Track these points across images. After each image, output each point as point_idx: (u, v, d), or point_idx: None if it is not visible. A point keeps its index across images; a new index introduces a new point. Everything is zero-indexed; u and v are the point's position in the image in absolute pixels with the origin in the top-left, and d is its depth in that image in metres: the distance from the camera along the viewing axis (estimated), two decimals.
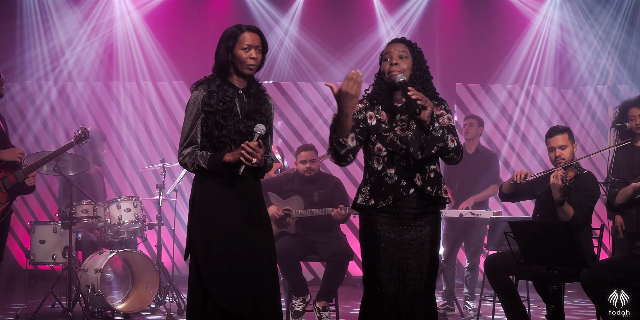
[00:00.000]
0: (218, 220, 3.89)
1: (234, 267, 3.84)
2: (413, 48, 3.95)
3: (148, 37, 9.44)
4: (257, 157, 3.72)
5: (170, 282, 6.94)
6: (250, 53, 3.92)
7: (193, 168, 3.90)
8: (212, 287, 3.82)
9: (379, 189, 3.87)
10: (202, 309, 3.85)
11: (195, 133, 3.93)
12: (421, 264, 3.85)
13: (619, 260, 4.87)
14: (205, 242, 3.88)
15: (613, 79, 9.46)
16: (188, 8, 9.56)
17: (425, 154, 3.79)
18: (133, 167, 9.40)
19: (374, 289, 3.86)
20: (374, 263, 3.87)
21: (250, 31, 3.96)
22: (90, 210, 6.62)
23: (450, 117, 3.90)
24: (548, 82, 9.54)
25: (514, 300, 5.40)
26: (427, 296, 3.89)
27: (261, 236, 3.94)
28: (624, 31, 9.19)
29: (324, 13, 9.56)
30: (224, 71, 3.99)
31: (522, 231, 4.72)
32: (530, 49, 9.53)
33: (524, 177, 5.29)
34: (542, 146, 9.37)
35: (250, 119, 3.94)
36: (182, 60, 9.47)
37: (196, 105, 3.94)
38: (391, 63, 3.86)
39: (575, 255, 4.52)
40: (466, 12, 9.62)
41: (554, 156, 5.40)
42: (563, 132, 5.43)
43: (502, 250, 5.82)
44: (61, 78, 9.37)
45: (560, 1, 9.48)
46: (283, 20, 9.61)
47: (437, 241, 3.95)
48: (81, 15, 9.30)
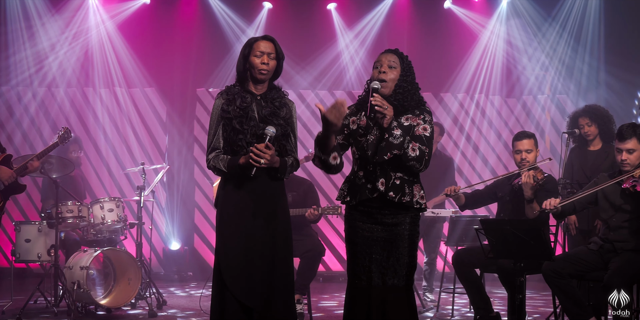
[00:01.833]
0: (235, 219, 3.94)
1: (250, 263, 3.89)
2: (403, 60, 3.99)
3: (121, 45, 9.39)
4: (266, 158, 3.76)
5: (150, 278, 6.93)
6: (263, 59, 3.96)
7: (216, 171, 3.98)
8: (229, 282, 3.88)
9: (351, 188, 3.97)
10: (222, 302, 3.91)
11: (218, 138, 4.00)
12: (396, 261, 3.87)
13: (577, 254, 5.08)
14: (224, 240, 3.96)
15: (551, 90, 9.75)
16: (159, 18, 9.53)
17: (377, 158, 3.84)
18: (106, 170, 9.33)
19: (352, 281, 3.96)
20: (351, 257, 3.97)
21: (264, 40, 4.03)
22: (75, 210, 6.60)
23: (426, 127, 3.86)
24: (496, 92, 9.80)
25: (479, 291, 5.59)
26: (404, 292, 3.90)
27: (276, 234, 3.97)
28: (569, 47, 9.48)
29: (287, 25, 9.60)
30: (242, 78, 4.06)
31: (492, 228, 4.88)
32: (479, 61, 9.78)
33: (453, 190, 5.48)
34: (492, 155, 9.64)
35: (266, 122, 3.96)
36: (154, 68, 9.44)
37: (216, 112, 4.02)
38: (380, 71, 3.93)
39: (542, 249, 4.70)
40: (420, 27, 9.77)
41: (520, 158, 5.61)
42: (530, 137, 5.65)
43: (469, 246, 6.00)
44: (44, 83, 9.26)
45: (507, 18, 9.72)
46: (249, 30, 9.64)
47: (413, 240, 3.92)
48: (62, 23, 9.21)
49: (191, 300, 7.51)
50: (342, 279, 9.26)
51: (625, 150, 4.98)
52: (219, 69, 9.51)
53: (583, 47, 9.34)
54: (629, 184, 4.91)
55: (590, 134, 6.19)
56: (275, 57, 4.02)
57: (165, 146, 9.50)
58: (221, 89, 4.15)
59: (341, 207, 6.63)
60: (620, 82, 8.97)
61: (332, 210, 6.48)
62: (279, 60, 4.04)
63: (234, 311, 3.88)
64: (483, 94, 9.80)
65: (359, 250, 3.93)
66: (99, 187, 9.15)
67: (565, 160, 6.19)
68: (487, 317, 5.50)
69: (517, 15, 9.67)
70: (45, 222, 6.57)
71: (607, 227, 5.05)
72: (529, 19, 9.59)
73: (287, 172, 4.02)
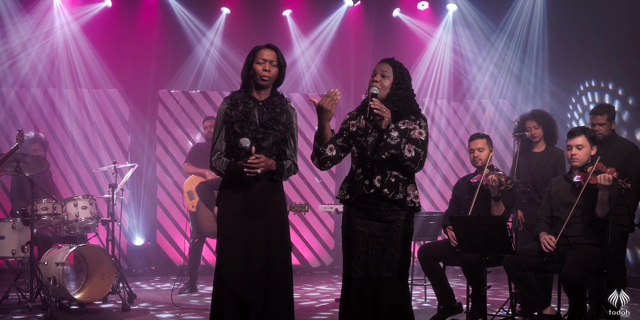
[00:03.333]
0: (233, 218, 3.99)
1: (247, 260, 3.94)
2: (396, 69, 4.07)
3: (86, 46, 9.21)
4: (260, 166, 3.84)
5: (121, 273, 6.86)
6: (265, 66, 4.01)
7: (216, 172, 4.03)
8: (227, 277, 3.92)
9: (350, 185, 4.06)
10: (221, 296, 3.94)
11: (220, 141, 4.04)
12: (390, 256, 3.95)
13: (535, 248, 5.28)
14: (222, 238, 4.00)
15: (492, 94, 10.01)
16: (121, 21, 9.37)
17: (376, 157, 3.95)
18: (70, 168, 9.16)
19: (347, 273, 4.03)
20: (347, 250, 4.05)
21: (267, 48, 4.08)
22: (50, 208, 6.51)
23: (422, 132, 3.98)
24: (444, 96, 9.99)
25: (442, 283, 5.73)
26: (399, 285, 3.97)
27: (273, 232, 4.02)
28: (516, 57, 9.74)
29: (245, 30, 9.58)
30: (246, 85, 4.11)
31: (460, 224, 5.03)
32: (428, 67, 9.96)
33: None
34: (440, 157, 9.84)
35: (266, 127, 4.01)
36: (117, 70, 9.30)
37: (220, 116, 4.06)
38: (374, 80, 4.05)
39: (505, 244, 4.87)
40: (371, 35, 9.88)
41: (473, 157, 5.82)
42: (483, 137, 5.86)
43: (433, 241, 6.15)
44: (6, 84, 9.01)
45: (453, 27, 9.92)
46: (209, 33, 9.59)
47: (407, 237, 4.01)
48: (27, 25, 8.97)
49: (159, 294, 7.46)
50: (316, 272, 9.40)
51: (575, 146, 5.25)
52: (180, 71, 9.44)
53: (530, 57, 9.60)
54: (581, 178, 5.15)
55: (536, 137, 6.39)
56: (277, 65, 4.07)
57: (128, 145, 9.38)
58: (182, 90, 4.18)
59: (308, 205, 6.72)
60: (561, 89, 9.29)
61: (299, 208, 6.56)
62: (280, 67, 4.09)
63: (232, 307, 3.92)
64: (433, 99, 9.97)
65: (355, 245, 4.01)
66: (63, 185, 8.97)
67: (515, 161, 6.36)
68: (450, 307, 5.66)
69: (466, 25, 9.87)
70: (19, 219, 6.44)
71: (561, 224, 5.26)
72: (478, 30, 9.81)
73: (285, 175, 4.08)
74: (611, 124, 6.09)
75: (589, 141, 5.26)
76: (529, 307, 5.24)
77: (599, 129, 6.01)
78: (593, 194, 5.09)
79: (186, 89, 9.43)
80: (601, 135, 5.97)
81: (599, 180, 4.95)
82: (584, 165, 5.25)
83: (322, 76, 9.83)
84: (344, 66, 9.82)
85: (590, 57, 8.75)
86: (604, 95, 8.53)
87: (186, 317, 6.13)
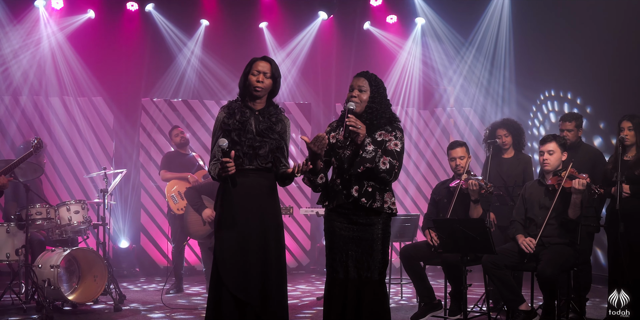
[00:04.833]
0: (231, 220, 3.99)
1: (245, 262, 3.94)
2: (371, 82, 4.06)
3: (71, 56, 9.13)
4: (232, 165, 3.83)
5: (112, 274, 6.82)
6: (258, 77, 4.00)
7: (212, 177, 4.05)
8: (225, 278, 3.93)
9: (330, 193, 4.13)
10: (219, 296, 3.94)
11: (217, 148, 3.99)
12: (369, 257, 4.00)
13: (512, 248, 5.41)
14: (221, 239, 4.00)
15: (456, 103, 10.18)
16: (105, 32, 9.31)
17: (352, 170, 4.01)
18: (57, 174, 9.06)
19: (330, 274, 4.10)
20: (329, 252, 4.12)
21: (262, 60, 4.08)
22: (44, 213, 6.46)
23: (397, 143, 4.01)
24: (414, 105, 10.12)
25: (423, 282, 5.83)
26: (378, 285, 4.03)
27: (269, 233, 4.03)
28: (485, 69, 9.91)
29: (223, 41, 9.60)
30: (243, 94, 4.11)
31: (443, 227, 5.13)
32: (398, 79, 10.09)
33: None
34: (412, 165, 9.96)
35: (262, 136, 4.03)
36: (102, 79, 9.23)
37: (218, 124, 4.07)
38: (352, 95, 4.07)
39: (485, 244, 4.98)
40: (344, 47, 9.97)
41: (455, 165, 5.90)
42: (462, 146, 5.94)
43: (414, 242, 6.24)
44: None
45: (422, 40, 10.06)
46: (190, 44, 9.58)
47: (385, 240, 4.06)
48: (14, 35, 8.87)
49: (147, 295, 7.43)
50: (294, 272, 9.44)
51: (547, 151, 5.40)
52: (162, 80, 9.42)
53: (497, 69, 9.77)
54: (554, 181, 5.30)
55: (506, 144, 6.53)
56: (271, 77, 4.06)
57: (112, 152, 9.32)
58: (165, 99, 4.18)
59: (293, 208, 6.77)
60: (524, 98, 9.49)
61: (285, 211, 6.59)
62: (274, 79, 4.08)
63: (229, 306, 3.92)
64: (404, 108, 10.08)
65: (336, 247, 4.08)
66: (50, 191, 8.86)
67: (487, 166, 6.48)
68: (431, 304, 5.75)
69: (436, 38, 10.00)
70: (14, 223, 6.38)
71: (535, 225, 5.40)
72: (447, 42, 9.96)
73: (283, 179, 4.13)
74: (578, 131, 6.24)
75: (559, 147, 5.42)
76: (506, 304, 5.36)
77: (567, 135, 6.14)
78: (566, 197, 5.23)
79: (168, 98, 9.41)
80: (569, 140, 6.11)
81: (573, 185, 5.10)
82: (555, 169, 5.40)
83: (297, 86, 9.89)
84: (318, 76, 9.89)
85: (551, 68, 8.97)
86: (563, 104, 8.74)
87: (177, 316, 6.13)
